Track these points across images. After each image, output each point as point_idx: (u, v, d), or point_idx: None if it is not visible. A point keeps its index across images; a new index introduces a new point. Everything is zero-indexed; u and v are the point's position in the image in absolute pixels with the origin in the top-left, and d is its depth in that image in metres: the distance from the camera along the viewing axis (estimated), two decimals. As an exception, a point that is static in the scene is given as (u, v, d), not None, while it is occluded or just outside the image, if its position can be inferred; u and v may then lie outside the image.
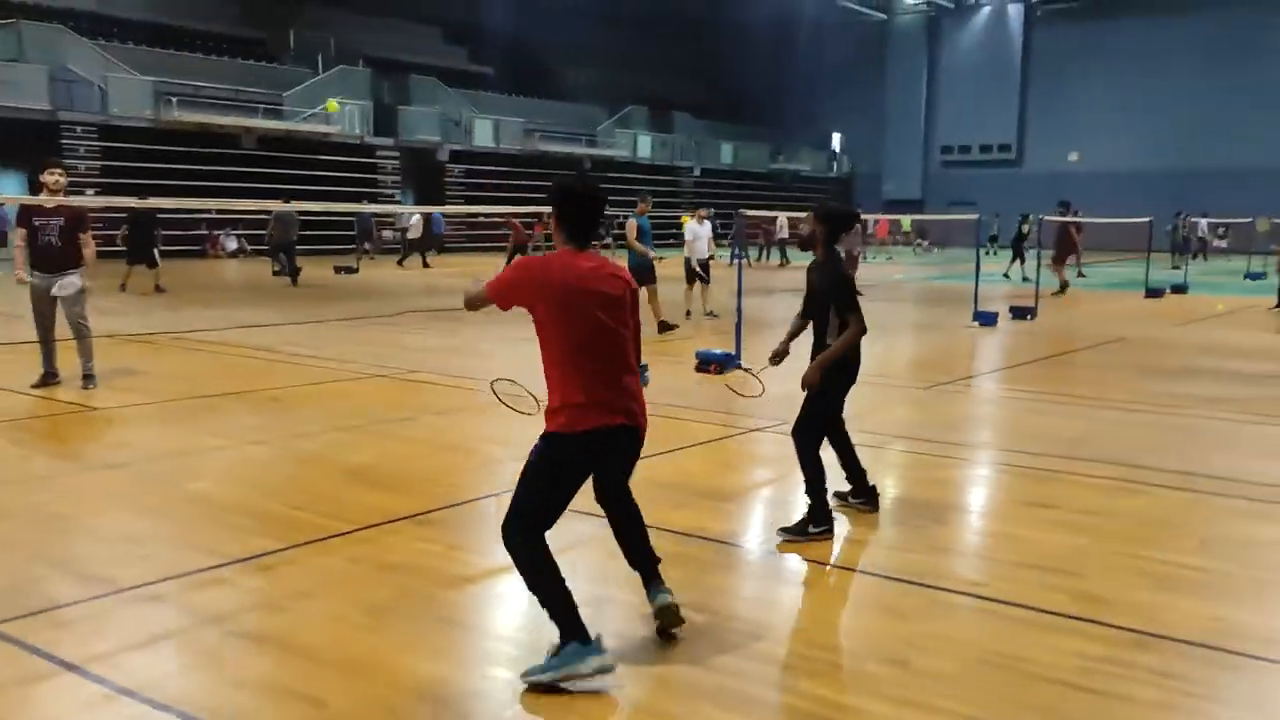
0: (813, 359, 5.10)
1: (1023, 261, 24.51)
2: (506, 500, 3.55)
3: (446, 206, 35.31)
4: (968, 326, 14.41)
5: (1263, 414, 8.32)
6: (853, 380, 5.24)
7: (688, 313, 15.02)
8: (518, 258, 3.78)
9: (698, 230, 14.99)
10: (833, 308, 5.07)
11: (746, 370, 7.40)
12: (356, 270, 25.17)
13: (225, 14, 36.88)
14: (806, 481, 5.05)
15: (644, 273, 12.85)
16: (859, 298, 5.07)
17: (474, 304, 3.68)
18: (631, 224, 13.02)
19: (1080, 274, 24.18)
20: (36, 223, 8.53)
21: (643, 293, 13.67)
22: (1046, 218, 19.58)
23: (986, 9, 51.11)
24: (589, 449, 3.56)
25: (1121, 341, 13.01)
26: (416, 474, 6.11)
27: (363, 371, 9.94)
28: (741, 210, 11.48)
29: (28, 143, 27.46)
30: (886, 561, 4.73)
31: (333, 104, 29.76)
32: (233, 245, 31.31)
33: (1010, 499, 5.97)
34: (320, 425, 7.43)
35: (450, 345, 12.21)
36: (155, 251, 18.63)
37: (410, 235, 28.87)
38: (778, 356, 5.34)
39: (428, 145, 37.09)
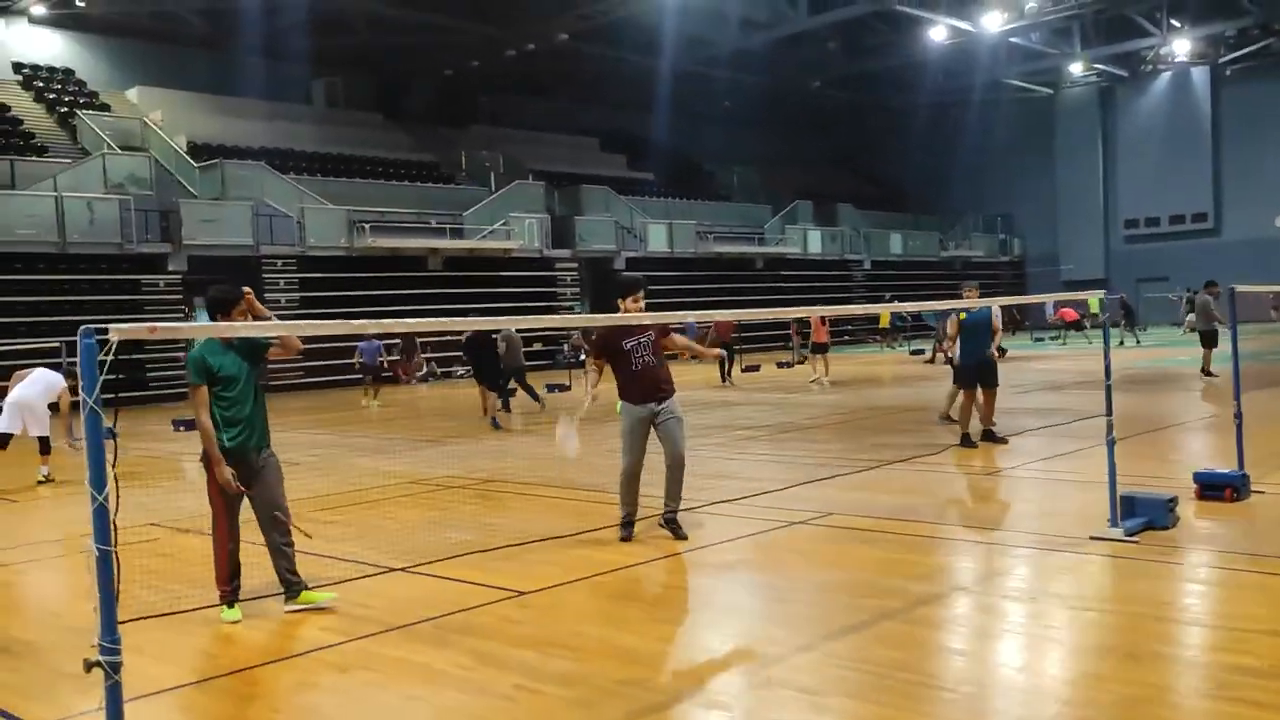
0: None
1: None
2: None
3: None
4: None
5: None
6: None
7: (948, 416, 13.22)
8: None
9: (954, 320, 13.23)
10: None
11: None
12: (569, 387, 24.01)
13: (398, 141, 37.38)
14: None
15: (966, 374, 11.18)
16: None
17: None
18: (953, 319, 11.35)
19: None
20: (628, 345, 7.42)
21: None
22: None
23: (1165, 74, 48.48)
24: None
25: None
26: None
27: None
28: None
29: (229, 277, 27.58)
30: None
31: None
32: (422, 370, 30.70)
33: None
34: None
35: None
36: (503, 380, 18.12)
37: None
38: None
39: (604, 254, 36.36)
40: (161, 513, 9.80)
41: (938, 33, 41.99)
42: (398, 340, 27.09)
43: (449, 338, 28.35)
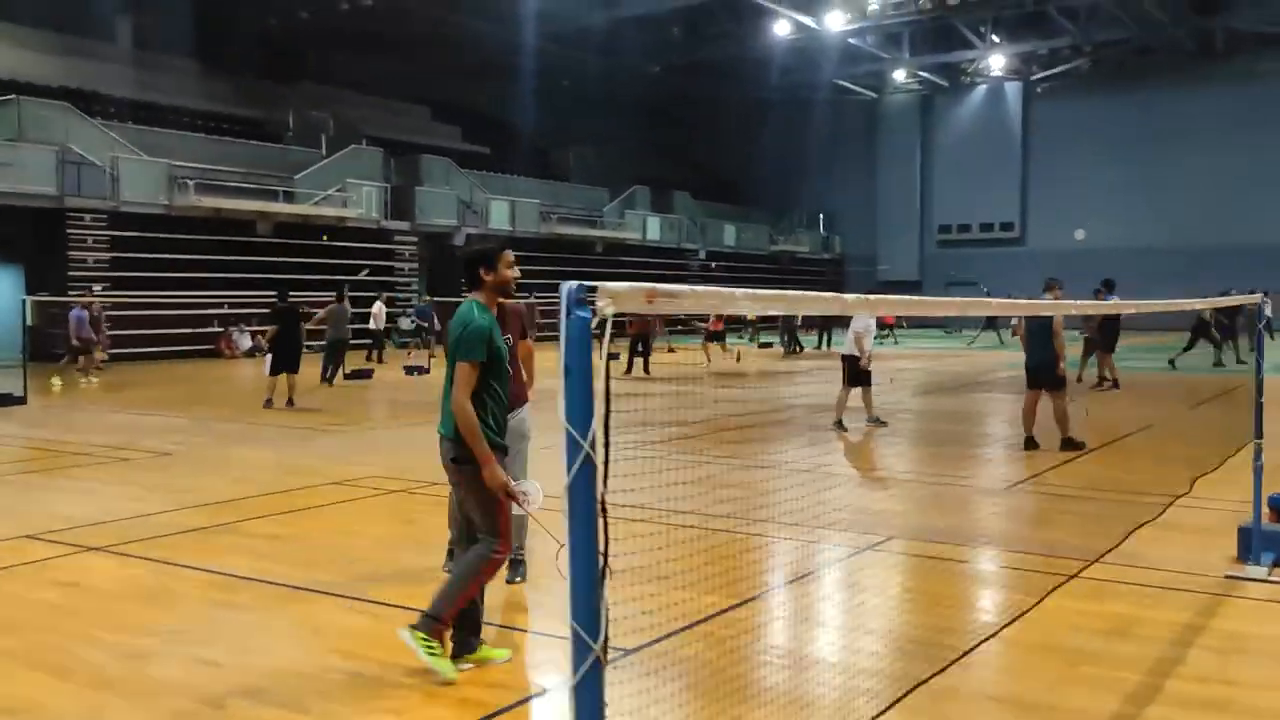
0: None
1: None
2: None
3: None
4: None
5: None
6: None
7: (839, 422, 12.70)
8: None
9: (869, 323, 12.81)
10: None
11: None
12: (428, 370, 22.21)
13: (218, 92, 33.95)
14: None
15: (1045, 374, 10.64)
16: None
17: None
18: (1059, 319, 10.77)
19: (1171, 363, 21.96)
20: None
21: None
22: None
23: (982, 86, 50.80)
24: None
25: None
26: None
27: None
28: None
29: (28, 232, 24.08)
30: None
31: None
32: (248, 343, 27.91)
33: None
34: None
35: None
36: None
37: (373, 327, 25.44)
38: None
39: (444, 229, 34.31)
40: (34, 520, 7.79)
41: (781, 27, 42.20)
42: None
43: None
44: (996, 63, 48.81)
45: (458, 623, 4.66)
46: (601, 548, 1.78)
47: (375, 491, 9.07)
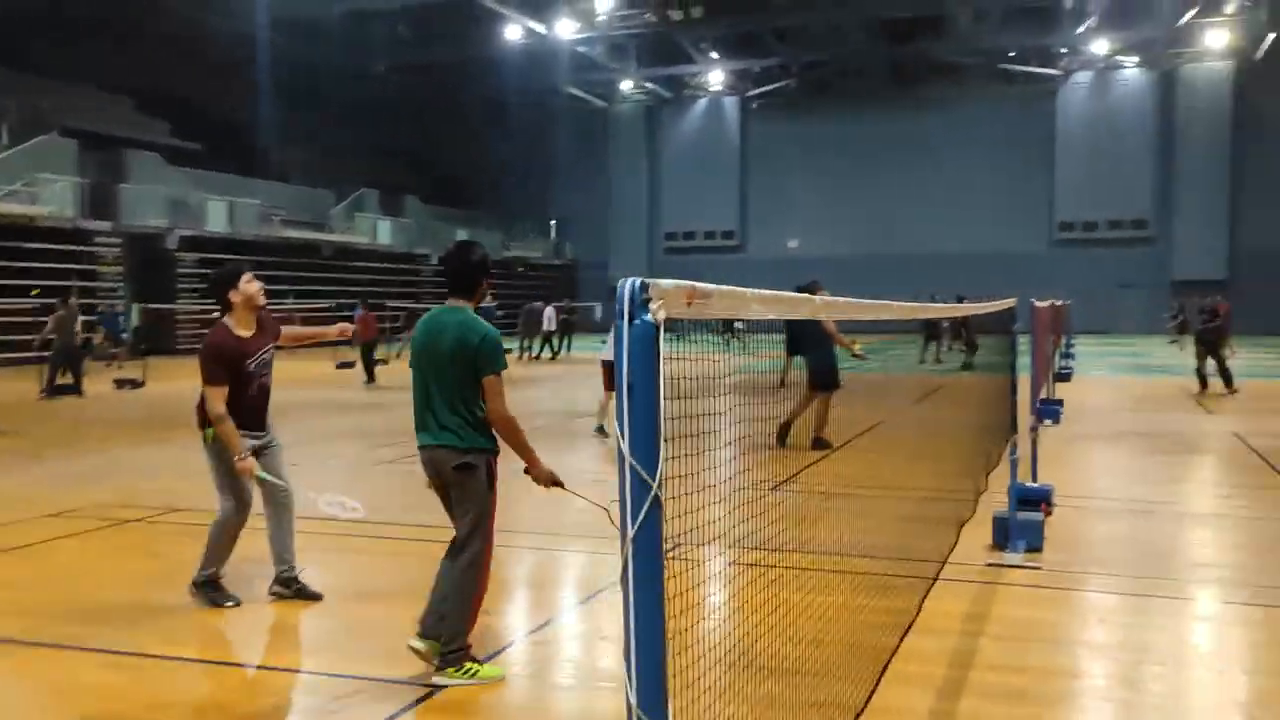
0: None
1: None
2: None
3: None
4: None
5: None
6: None
7: (600, 428, 12.77)
8: None
9: None
10: None
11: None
12: (142, 384, 20.30)
13: None
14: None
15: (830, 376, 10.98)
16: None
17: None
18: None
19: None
20: (251, 365, 5.62)
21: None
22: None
23: (703, 100, 52.93)
24: None
25: None
26: None
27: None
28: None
29: None
30: None
31: None
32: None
33: None
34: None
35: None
36: None
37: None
38: None
39: (154, 230, 31.62)
40: None
41: (512, 31, 42.13)
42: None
43: None
44: (716, 78, 51.10)
45: None
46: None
47: (105, 523, 8.10)
